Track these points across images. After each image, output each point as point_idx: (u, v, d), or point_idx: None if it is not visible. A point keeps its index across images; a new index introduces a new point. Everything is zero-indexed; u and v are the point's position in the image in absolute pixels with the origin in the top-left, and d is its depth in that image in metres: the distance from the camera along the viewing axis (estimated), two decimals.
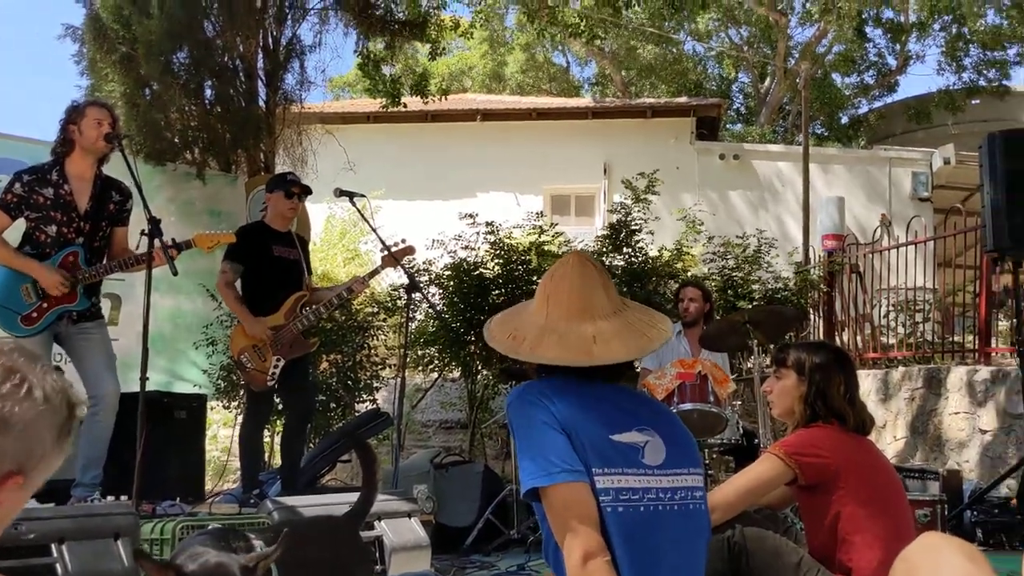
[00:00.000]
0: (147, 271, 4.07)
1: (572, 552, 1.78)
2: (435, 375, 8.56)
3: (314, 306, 4.86)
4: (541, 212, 9.03)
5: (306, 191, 5.03)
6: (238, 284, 4.90)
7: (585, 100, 18.32)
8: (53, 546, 2.69)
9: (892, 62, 20.87)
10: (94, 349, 4.25)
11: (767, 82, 20.56)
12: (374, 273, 5.24)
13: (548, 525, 1.88)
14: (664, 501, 1.89)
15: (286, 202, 4.92)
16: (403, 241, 5.04)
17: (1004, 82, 18.68)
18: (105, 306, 6.13)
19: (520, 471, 1.89)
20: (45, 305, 4.11)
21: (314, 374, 6.39)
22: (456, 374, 8.56)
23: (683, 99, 16.83)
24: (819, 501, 2.66)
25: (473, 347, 7.84)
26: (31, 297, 4.10)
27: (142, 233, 4.02)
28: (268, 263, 4.84)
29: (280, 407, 5.65)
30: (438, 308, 7.53)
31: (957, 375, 6.87)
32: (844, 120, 21.16)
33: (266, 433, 6.01)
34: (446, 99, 11.19)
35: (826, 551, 2.63)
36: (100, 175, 4.31)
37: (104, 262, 4.30)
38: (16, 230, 4.20)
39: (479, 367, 7.99)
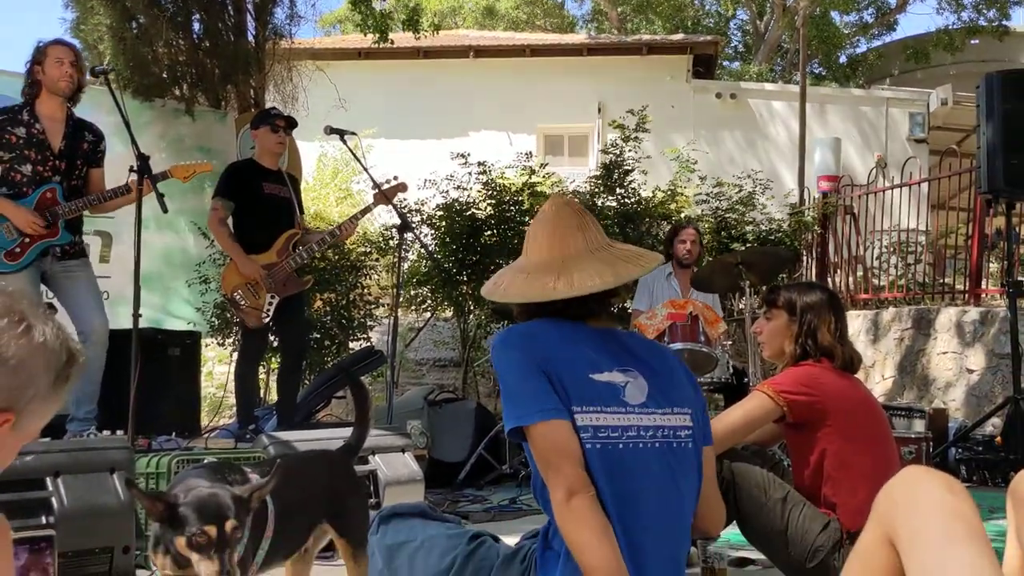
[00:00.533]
0: (137, 207, 4.05)
1: (556, 489, 1.80)
2: (428, 314, 8.59)
3: (306, 244, 4.85)
4: (530, 153, 8.94)
5: (291, 123, 4.98)
6: (230, 222, 4.87)
7: (580, 37, 18.04)
8: (48, 479, 2.71)
9: (892, 0, 20.57)
10: (80, 286, 4.25)
11: (765, 19, 20.27)
12: (366, 211, 5.23)
13: (535, 463, 1.91)
14: (645, 439, 1.90)
15: (272, 136, 4.87)
16: (395, 178, 5.00)
17: (1004, 22, 18.43)
18: (96, 244, 6.14)
19: (503, 412, 1.91)
20: (27, 240, 4.08)
21: (308, 312, 6.40)
22: (448, 313, 8.59)
23: (680, 36, 16.58)
24: (806, 438, 2.69)
25: (465, 287, 7.85)
26: (12, 234, 4.07)
27: (131, 169, 3.98)
28: (259, 200, 4.80)
29: (275, 344, 5.67)
30: (430, 248, 7.52)
31: (946, 316, 6.92)
32: (842, 59, 20.92)
33: (261, 370, 6.05)
34: (438, 35, 10.99)
35: (812, 487, 2.67)
36: (72, 116, 4.28)
37: (85, 198, 4.27)
38: None
39: (471, 307, 8.01)
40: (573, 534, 1.79)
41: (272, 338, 5.40)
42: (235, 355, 6.70)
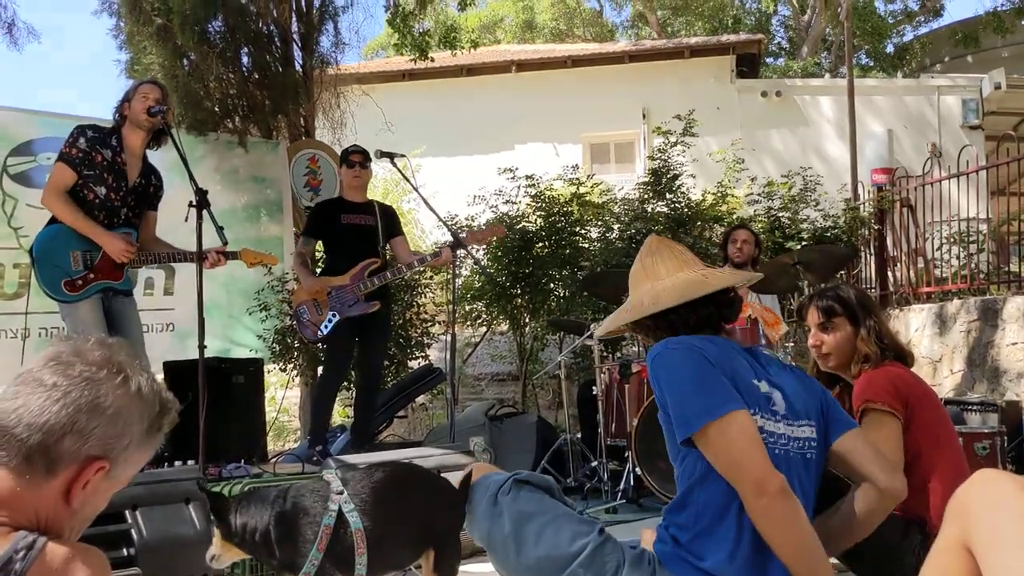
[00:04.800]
0: (197, 240, 4.13)
1: (751, 482, 1.83)
2: (484, 329, 8.63)
3: (380, 273, 5.05)
4: (577, 165, 8.95)
5: (366, 156, 5.19)
6: (314, 254, 5.28)
7: (621, 44, 18.01)
8: (127, 512, 2.78)
9: None
10: (133, 325, 4.37)
11: (807, 14, 20.00)
12: (450, 255, 5.08)
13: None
14: (791, 449, 1.99)
15: (348, 172, 5.19)
16: (487, 224, 5.19)
17: None
18: (159, 277, 6.29)
19: (682, 412, 1.93)
20: (92, 276, 4.17)
21: None
22: (504, 327, 8.62)
23: (722, 37, 16.46)
24: None
25: (520, 300, 7.87)
26: (79, 264, 4.15)
27: (190, 205, 4.05)
28: (338, 231, 5.11)
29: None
30: (483, 264, 7.57)
31: (1014, 305, 6.73)
32: (889, 49, 20.54)
33: None
34: (478, 51, 11.07)
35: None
36: (146, 156, 4.41)
37: (154, 250, 4.41)
38: None
39: (526, 319, 8.03)
40: (769, 528, 1.83)
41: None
42: (296, 380, 6.84)
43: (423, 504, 2.42)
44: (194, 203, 4.03)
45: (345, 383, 6.48)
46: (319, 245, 5.38)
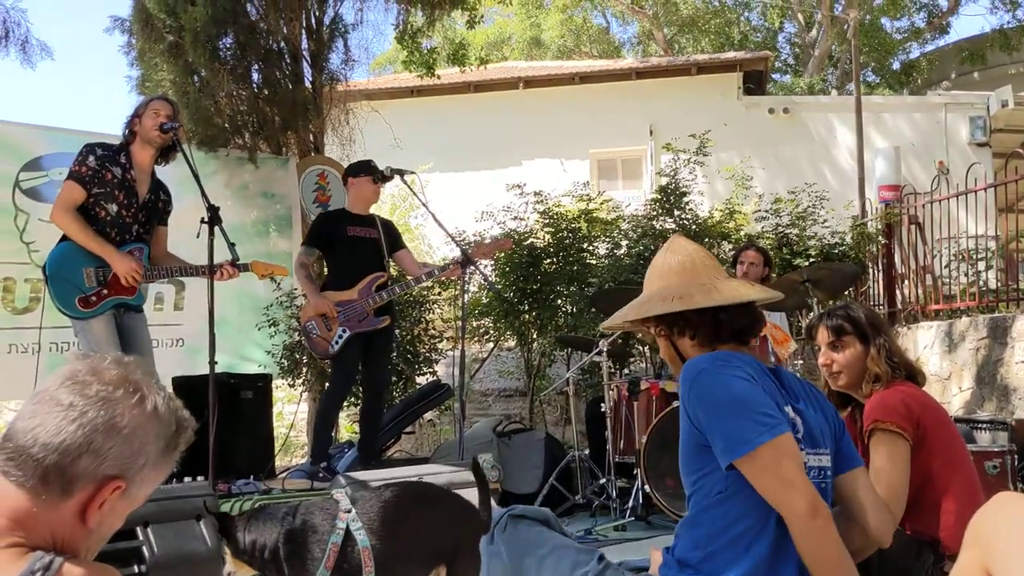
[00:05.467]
0: (208, 256, 4.15)
1: (799, 503, 1.80)
2: (491, 345, 8.62)
3: (389, 287, 5.06)
4: (587, 182, 8.98)
5: (387, 178, 5.21)
6: (316, 266, 5.17)
7: (628, 61, 18.08)
8: (139, 529, 2.78)
9: (943, 2, 20.21)
10: (143, 341, 4.39)
11: (814, 31, 20.06)
12: (457, 268, 5.14)
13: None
14: (811, 477, 1.93)
15: (371, 186, 5.17)
16: (493, 238, 5.17)
17: None
18: (169, 292, 6.31)
19: (729, 435, 1.86)
20: (105, 292, 4.20)
21: None
22: (511, 343, 8.62)
23: (729, 54, 16.50)
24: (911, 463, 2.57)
25: (527, 316, 7.88)
26: (92, 281, 4.18)
27: (202, 221, 4.08)
28: (343, 244, 5.09)
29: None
30: (491, 280, 7.58)
31: (1023, 322, 6.72)
32: (896, 66, 20.57)
33: None
34: (485, 68, 11.12)
35: (909, 512, 2.54)
36: (154, 173, 4.42)
37: (166, 264, 4.43)
38: None
39: (534, 336, 8.03)
40: (822, 550, 1.82)
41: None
42: (306, 395, 6.84)
43: (433, 522, 2.42)
44: (206, 219, 4.05)
45: (353, 398, 6.49)
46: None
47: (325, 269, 5.54)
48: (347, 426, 7.93)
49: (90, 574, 1.18)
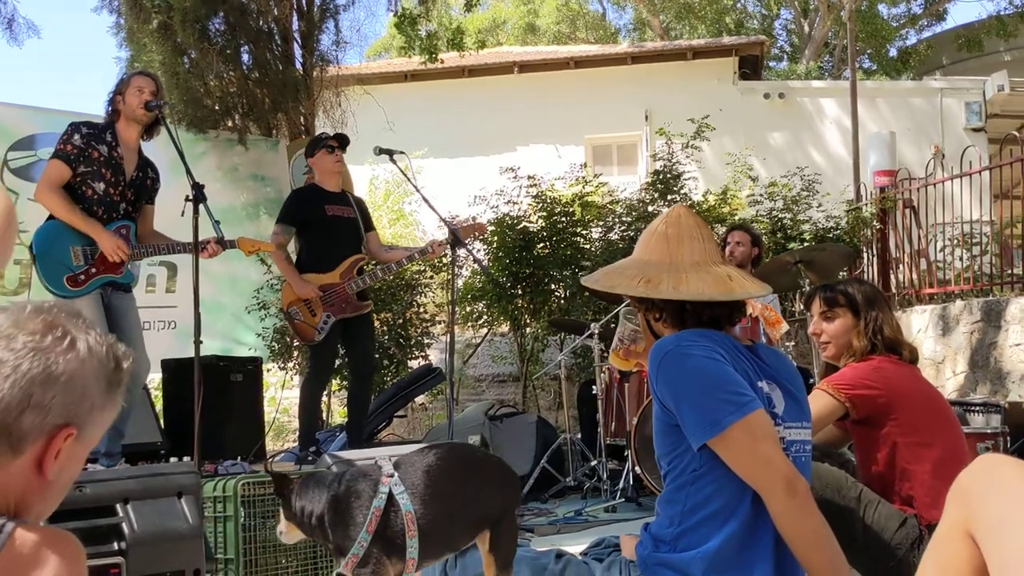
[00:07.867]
0: (193, 236, 4.11)
1: (777, 481, 1.78)
2: (484, 330, 8.59)
3: (370, 269, 4.93)
4: (585, 164, 8.92)
5: (343, 141, 5.07)
6: (291, 247, 4.99)
7: (623, 46, 17.99)
8: (118, 506, 2.74)
9: None
10: (131, 322, 4.34)
11: (810, 17, 19.98)
12: (437, 249, 5.09)
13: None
14: (791, 452, 1.93)
15: (329, 158, 4.98)
16: (473, 219, 5.08)
17: None
18: (161, 275, 6.28)
19: (705, 412, 1.83)
20: (93, 270, 4.16)
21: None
22: (505, 328, 8.59)
23: (725, 39, 16.42)
24: (873, 433, 2.63)
25: (521, 301, 7.84)
26: (79, 259, 4.14)
27: (187, 199, 4.04)
28: (323, 223, 4.90)
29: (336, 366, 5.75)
30: (484, 264, 7.54)
31: (1017, 306, 6.70)
32: (892, 52, 20.50)
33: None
34: (481, 53, 11.07)
35: (884, 483, 2.60)
36: (141, 149, 4.38)
37: (152, 242, 4.38)
38: None
39: (527, 320, 8.00)
40: (801, 528, 1.79)
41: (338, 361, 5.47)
42: (297, 378, 6.81)
43: (476, 485, 2.41)
44: (190, 197, 4.01)
45: (345, 382, 6.45)
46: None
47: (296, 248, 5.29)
48: (340, 410, 7.91)
49: (44, 539, 1.14)
